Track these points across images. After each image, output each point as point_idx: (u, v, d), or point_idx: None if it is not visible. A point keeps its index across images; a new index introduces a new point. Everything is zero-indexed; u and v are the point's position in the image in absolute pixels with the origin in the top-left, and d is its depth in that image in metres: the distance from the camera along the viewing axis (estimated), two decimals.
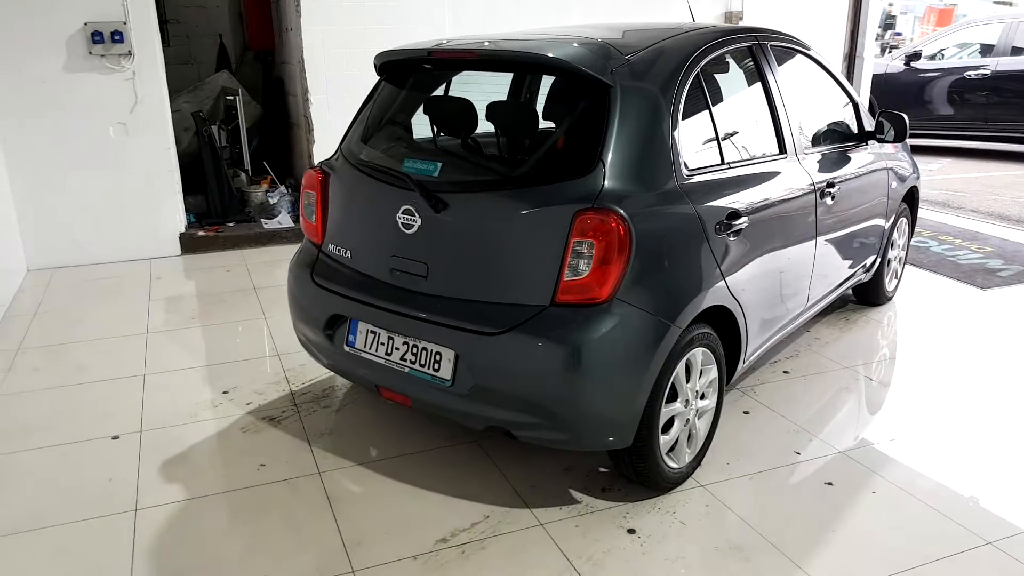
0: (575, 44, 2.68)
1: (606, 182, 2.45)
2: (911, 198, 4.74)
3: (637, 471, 2.69)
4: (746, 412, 3.42)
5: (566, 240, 2.41)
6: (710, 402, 2.91)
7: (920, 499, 2.79)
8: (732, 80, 3.18)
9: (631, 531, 2.60)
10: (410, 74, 3.17)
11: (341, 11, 6.12)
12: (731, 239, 2.79)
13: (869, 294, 4.66)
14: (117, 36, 5.39)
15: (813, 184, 3.35)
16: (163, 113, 5.75)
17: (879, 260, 4.37)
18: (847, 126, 4.01)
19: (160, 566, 2.44)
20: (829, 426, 3.30)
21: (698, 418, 2.86)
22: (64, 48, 5.35)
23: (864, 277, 4.33)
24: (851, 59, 8.08)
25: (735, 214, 2.80)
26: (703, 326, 2.74)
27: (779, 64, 3.40)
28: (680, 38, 2.90)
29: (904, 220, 4.69)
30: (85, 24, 5.33)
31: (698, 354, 2.75)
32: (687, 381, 2.74)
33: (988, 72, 9.77)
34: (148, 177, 5.78)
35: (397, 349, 2.74)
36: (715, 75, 3.04)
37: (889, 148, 4.26)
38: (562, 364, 2.40)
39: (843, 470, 2.97)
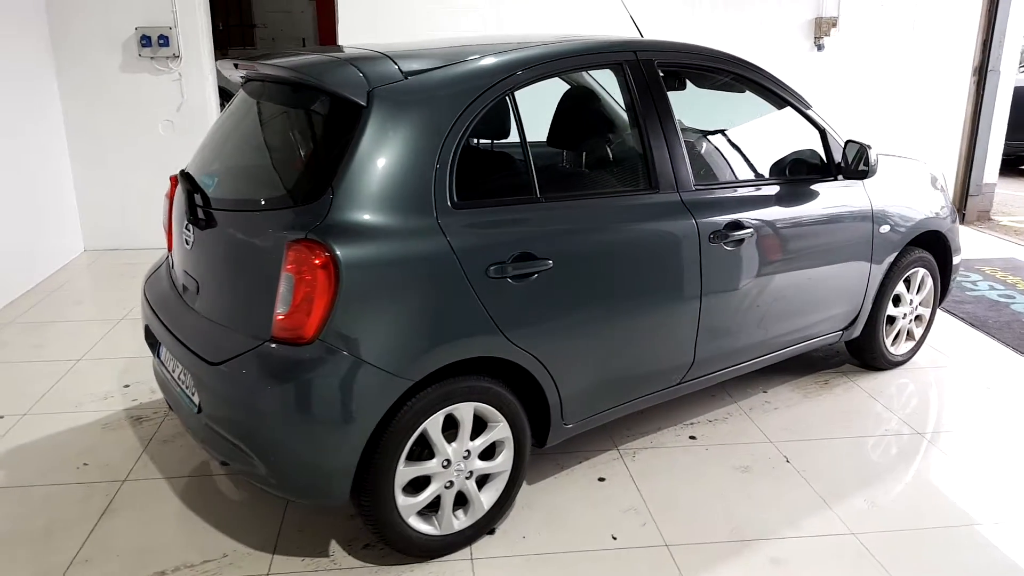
0: (347, 60, 2.45)
1: (331, 212, 2.22)
2: (940, 246, 3.94)
3: (375, 532, 2.43)
4: (602, 479, 2.99)
5: (279, 272, 2.22)
6: (499, 463, 2.56)
7: None
8: (575, 103, 2.77)
9: None
10: (262, 85, 3.07)
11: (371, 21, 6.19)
12: (518, 283, 2.43)
13: (864, 355, 3.93)
14: (163, 40, 5.78)
15: (696, 226, 2.85)
16: (208, 113, 6.08)
17: (863, 316, 3.66)
18: (813, 156, 3.38)
19: None
20: (678, 511, 2.79)
21: (475, 481, 2.53)
22: (120, 49, 5.83)
23: (840, 336, 3.65)
24: (981, 73, 6.86)
25: (527, 256, 2.44)
26: (476, 379, 2.42)
27: (677, 84, 2.94)
28: (499, 56, 2.55)
29: (923, 271, 3.89)
30: (136, 28, 5.76)
31: (465, 409, 2.43)
32: (453, 440, 2.44)
33: None
34: None
35: (176, 367, 2.68)
36: (538, 98, 2.67)
37: (884, 184, 3.55)
38: (255, 404, 2.23)
39: (649, 566, 2.50)
